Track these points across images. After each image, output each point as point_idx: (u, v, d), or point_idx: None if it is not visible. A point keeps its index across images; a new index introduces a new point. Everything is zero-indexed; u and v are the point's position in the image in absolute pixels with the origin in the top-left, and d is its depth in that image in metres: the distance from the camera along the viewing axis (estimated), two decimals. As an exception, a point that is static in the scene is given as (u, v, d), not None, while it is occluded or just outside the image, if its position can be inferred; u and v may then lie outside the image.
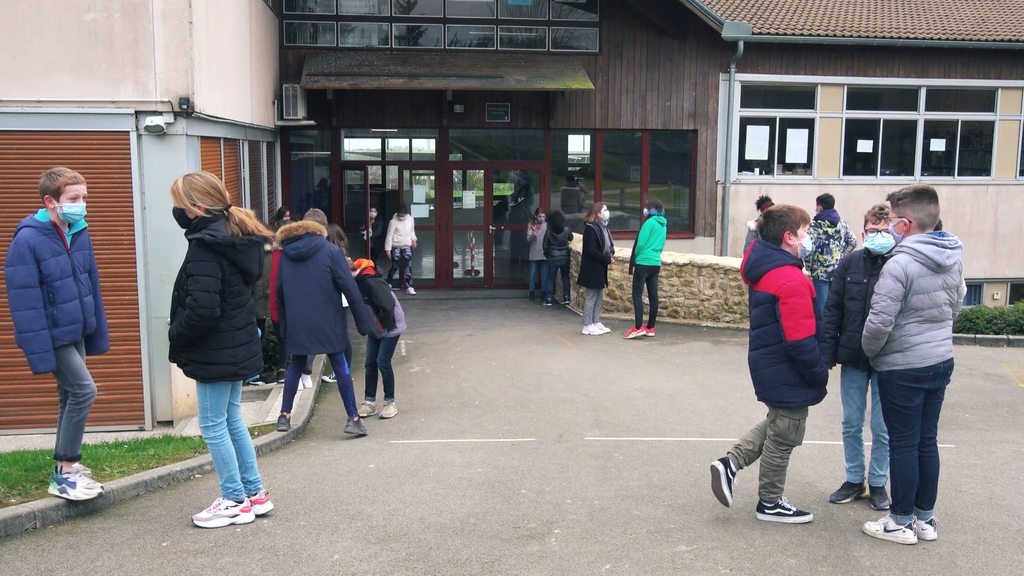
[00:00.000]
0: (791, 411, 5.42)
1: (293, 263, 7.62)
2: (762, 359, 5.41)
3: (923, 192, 5.14)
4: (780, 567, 4.89)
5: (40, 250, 5.26)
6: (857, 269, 5.79)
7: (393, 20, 16.24)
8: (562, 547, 5.14)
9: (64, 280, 5.36)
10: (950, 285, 5.13)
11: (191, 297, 5.10)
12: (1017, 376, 10.47)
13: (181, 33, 8.15)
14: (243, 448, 5.59)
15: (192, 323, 5.12)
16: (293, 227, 7.69)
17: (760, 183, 17.04)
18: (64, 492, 5.50)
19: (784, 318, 5.22)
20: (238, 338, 5.30)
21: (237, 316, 5.29)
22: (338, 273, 7.62)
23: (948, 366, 5.18)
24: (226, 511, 5.44)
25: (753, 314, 5.45)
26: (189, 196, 5.15)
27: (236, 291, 5.26)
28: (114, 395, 8.18)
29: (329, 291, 7.62)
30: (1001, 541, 5.32)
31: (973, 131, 17.91)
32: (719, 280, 13.57)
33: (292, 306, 7.66)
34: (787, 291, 5.21)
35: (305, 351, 7.79)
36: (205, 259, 5.12)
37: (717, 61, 16.68)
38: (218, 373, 5.27)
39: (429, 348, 11.87)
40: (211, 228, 5.12)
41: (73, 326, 5.41)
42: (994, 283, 17.86)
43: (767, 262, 5.31)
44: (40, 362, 5.26)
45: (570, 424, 8.13)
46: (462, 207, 17.20)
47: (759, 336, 5.41)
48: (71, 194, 5.33)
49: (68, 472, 5.54)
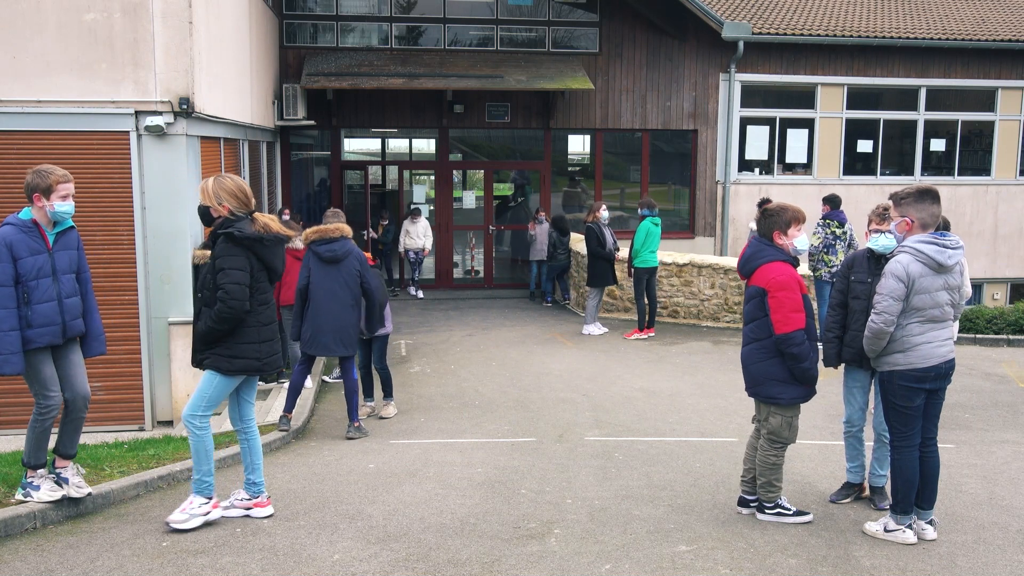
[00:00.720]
0: (782, 408, 5.44)
1: (324, 265, 7.58)
2: (753, 354, 5.46)
3: (926, 192, 5.14)
4: (780, 567, 4.89)
5: (17, 248, 5.14)
6: (861, 269, 5.80)
7: (393, 20, 16.24)
8: (562, 547, 5.14)
9: (41, 280, 5.23)
10: (952, 285, 5.13)
11: (222, 290, 5.14)
12: (1017, 376, 10.47)
13: (181, 33, 8.15)
14: (252, 448, 5.59)
15: (224, 315, 5.14)
16: (329, 229, 7.66)
17: (760, 183, 17.04)
18: (28, 496, 5.42)
19: (773, 311, 5.27)
20: (263, 334, 5.36)
21: (263, 312, 5.35)
22: (366, 277, 7.66)
23: (949, 366, 5.19)
24: (199, 508, 5.38)
25: (746, 309, 5.52)
26: (217, 196, 5.22)
27: (262, 288, 5.33)
28: (114, 395, 8.19)
29: (357, 295, 7.65)
30: (1001, 541, 5.32)
31: (973, 131, 17.92)
32: (719, 280, 13.57)
33: (320, 308, 7.59)
34: (776, 285, 5.27)
35: (328, 353, 7.74)
36: (234, 253, 5.19)
37: (717, 61, 16.68)
38: (242, 367, 5.30)
39: (429, 348, 11.87)
40: (238, 225, 5.19)
41: (49, 328, 5.26)
42: (994, 283, 17.86)
43: (759, 257, 5.39)
44: (5, 364, 5.13)
45: (570, 424, 8.13)
46: (462, 207, 17.20)
47: (751, 330, 5.47)
48: (62, 192, 5.24)
49: (32, 477, 5.45)
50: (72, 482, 5.58)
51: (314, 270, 7.62)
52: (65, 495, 5.51)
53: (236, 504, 5.60)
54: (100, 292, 5.83)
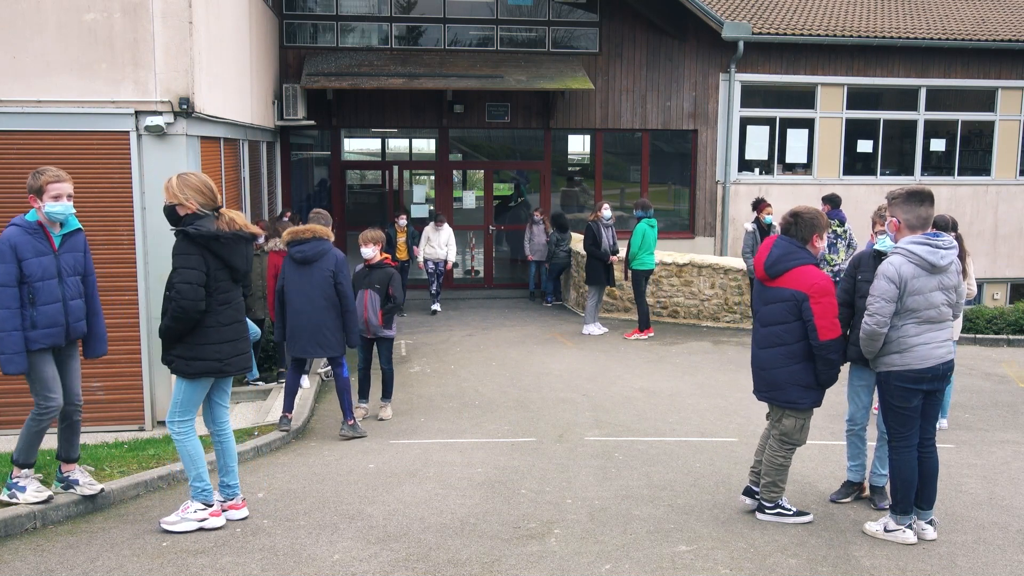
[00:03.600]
0: (799, 412, 5.43)
1: (297, 266, 7.60)
2: (777, 359, 5.36)
3: (915, 193, 5.14)
4: (780, 567, 4.89)
5: (22, 249, 5.17)
6: (868, 268, 5.78)
7: (393, 20, 16.24)
8: (562, 547, 5.14)
9: (46, 281, 5.25)
10: (947, 286, 5.12)
11: (174, 290, 5.10)
12: (1017, 376, 10.46)
13: (181, 33, 8.15)
14: (226, 451, 5.53)
15: (176, 315, 5.10)
16: (300, 230, 7.67)
17: (760, 183, 17.04)
18: (14, 497, 5.40)
19: (817, 317, 5.19)
20: (224, 335, 5.27)
21: (223, 312, 5.26)
22: (339, 279, 7.60)
23: (948, 367, 5.18)
24: (194, 514, 5.34)
25: (766, 311, 5.39)
26: (182, 192, 5.15)
27: (223, 287, 5.24)
28: (114, 395, 8.18)
29: (331, 296, 7.59)
30: (1001, 541, 5.32)
31: (973, 131, 17.91)
32: (719, 280, 13.57)
33: (293, 309, 7.63)
34: (819, 290, 5.20)
35: (305, 354, 7.77)
36: (188, 252, 5.13)
37: (717, 61, 16.67)
38: (202, 369, 5.23)
39: (429, 348, 11.87)
40: (197, 223, 5.13)
41: (53, 329, 5.29)
42: (994, 283, 17.86)
43: (792, 259, 5.28)
44: (9, 363, 5.17)
45: (570, 424, 8.13)
46: (462, 207, 17.18)
47: (775, 334, 5.35)
48: (53, 193, 5.23)
49: (17, 477, 5.45)
50: (83, 482, 5.65)
51: (288, 272, 7.65)
52: (51, 496, 5.50)
53: None
54: (100, 292, 5.81)
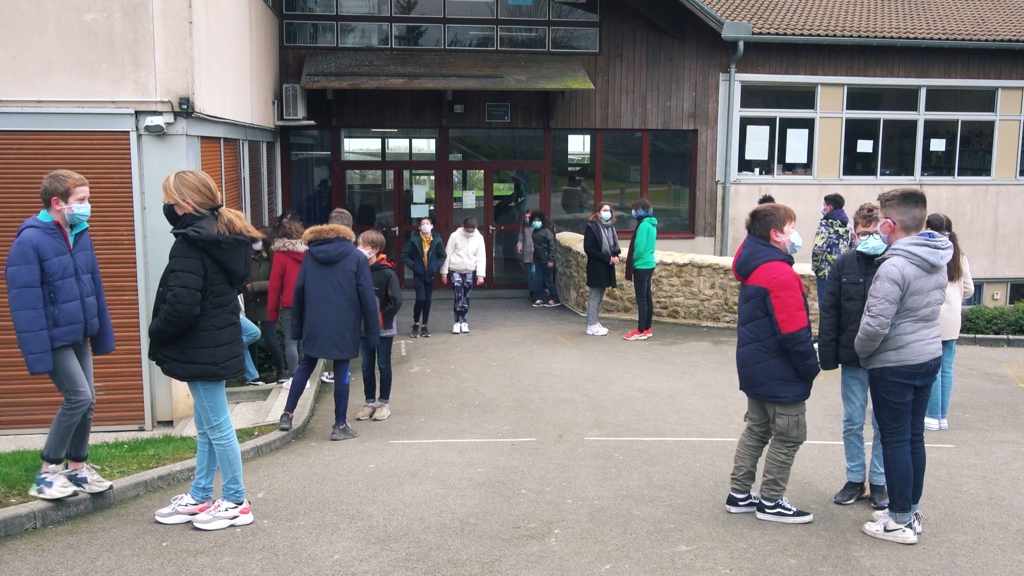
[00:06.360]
0: (786, 407, 5.46)
1: (319, 266, 7.54)
2: (754, 354, 5.47)
3: (910, 195, 5.21)
4: (780, 567, 4.89)
5: (44, 249, 5.27)
6: (852, 270, 5.83)
7: (393, 20, 16.24)
8: (562, 547, 5.14)
9: (66, 280, 5.37)
10: (942, 284, 5.27)
11: (171, 293, 5.07)
12: (1017, 376, 10.46)
13: (181, 33, 8.15)
14: (211, 454, 5.52)
15: (171, 319, 5.08)
16: (323, 229, 7.59)
17: (760, 183, 17.04)
18: (41, 492, 5.50)
19: (777, 311, 5.30)
20: (219, 338, 5.24)
21: (219, 315, 5.24)
22: (361, 280, 7.56)
23: (937, 363, 5.32)
24: (226, 512, 5.40)
25: (743, 309, 5.52)
26: (180, 191, 5.13)
27: (219, 290, 5.21)
28: (114, 395, 8.19)
29: (352, 297, 7.55)
30: (1001, 541, 5.32)
31: (973, 131, 17.92)
32: (719, 280, 13.57)
33: (314, 309, 7.56)
34: (778, 284, 5.30)
35: (323, 355, 7.70)
36: (188, 255, 5.10)
37: (717, 61, 16.68)
38: (197, 372, 5.23)
39: (429, 348, 11.87)
40: (197, 225, 5.10)
41: (74, 326, 5.41)
42: (994, 283, 17.86)
43: (757, 257, 5.41)
44: (38, 363, 5.25)
45: (570, 424, 8.12)
46: (462, 207, 17.18)
47: (750, 331, 5.48)
48: (79, 195, 5.37)
49: (46, 472, 5.53)
50: (91, 479, 5.72)
51: (309, 271, 7.60)
52: (76, 491, 5.59)
53: (180, 510, 5.48)
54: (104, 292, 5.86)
